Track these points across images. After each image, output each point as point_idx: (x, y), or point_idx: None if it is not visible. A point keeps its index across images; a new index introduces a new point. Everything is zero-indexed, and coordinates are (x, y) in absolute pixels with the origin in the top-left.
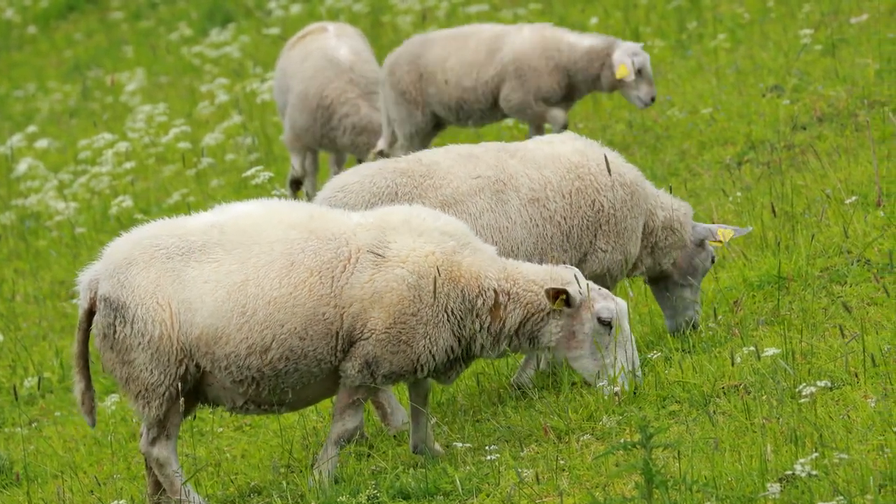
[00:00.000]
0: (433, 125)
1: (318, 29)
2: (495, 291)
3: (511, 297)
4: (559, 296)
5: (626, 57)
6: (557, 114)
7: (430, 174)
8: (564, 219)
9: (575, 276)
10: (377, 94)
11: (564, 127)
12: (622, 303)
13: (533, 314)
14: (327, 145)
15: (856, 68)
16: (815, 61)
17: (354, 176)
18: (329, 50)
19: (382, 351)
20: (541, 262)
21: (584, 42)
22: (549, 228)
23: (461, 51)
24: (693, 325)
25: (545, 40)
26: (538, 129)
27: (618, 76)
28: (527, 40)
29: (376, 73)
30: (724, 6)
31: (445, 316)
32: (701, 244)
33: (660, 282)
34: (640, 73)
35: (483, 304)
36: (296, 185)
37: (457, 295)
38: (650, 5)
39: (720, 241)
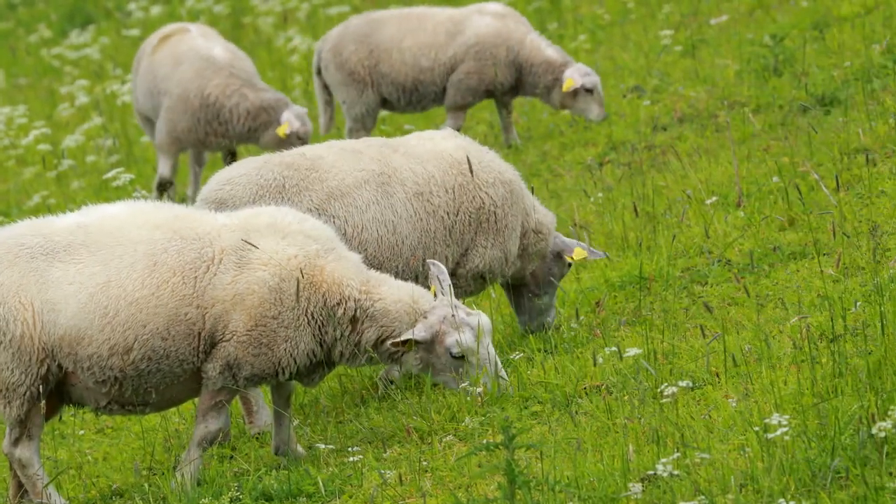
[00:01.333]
0: (381, 106)
1: (179, 30)
2: (355, 302)
3: (367, 314)
4: (405, 345)
5: (576, 74)
6: (461, 116)
7: (314, 167)
8: (447, 214)
9: (442, 296)
10: (258, 83)
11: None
12: (483, 319)
13: (387, 337)
14: (212, 143)
15: (716, 69)
16: (676, 62)
17: (240, 169)
18: (203, 50)
19: (243, 353)
20: (424, 256)
21: (546, 50)
22: (433, 223)
23: (417, 32)
24: (547, 327)
25: (509, 31)
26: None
27: (564, 88)
28: (491, 27)
29: (253, 68)
30: (585, 7)
31: (306, 320)
32: (559, 255)
33: (516, 288)
34: (591, 92)
35: (343, 312)
36: (163, 188)
37: (318, 300)
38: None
39: (572, 259)
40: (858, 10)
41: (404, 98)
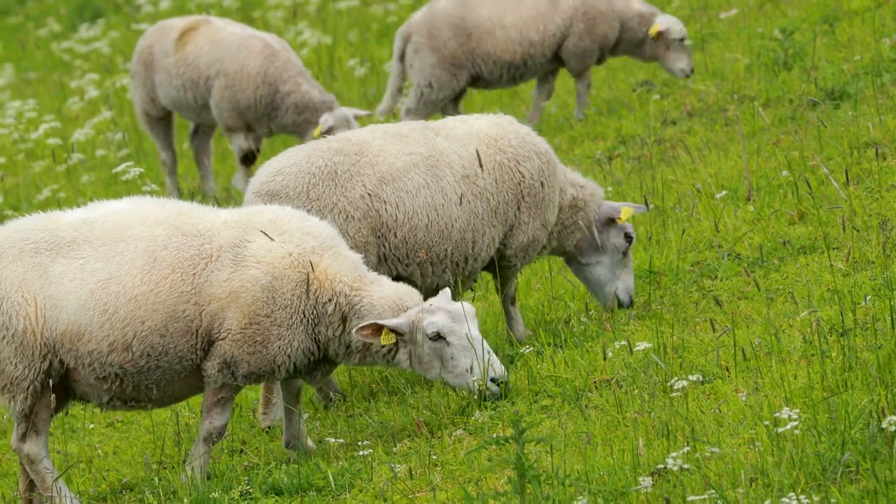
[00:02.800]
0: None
1: (201, 21)
2: (345, 298)
3: (354, 311)
4: (379, 332)
5: (667, 21)
6: (586, 78)
7: (363, 152)
8: (493, 195)
9: (443, 297)
10: (309, 77)
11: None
12: (457, 308)
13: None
14: (261, 127)
15: (725, 63)
16: None
17: (289, 159)
18: (252, 31)
19: (239, 351)
20: (472, 239)
21: (634, 3)
22: (479, 205)
23: (517, 7)
24: (610, 297)
25: None
26: (548, 94)
27: (652, 32)
28: None
29: (300, 60)
30: None
31: (300, 318)
32: (610, 222)
33: (572, 262)
34: (681, 41)
35: (334, 309)
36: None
37: (309, 297)
38: None
39: (621, 219)
40: (868, 4)
41: (507, 74)
